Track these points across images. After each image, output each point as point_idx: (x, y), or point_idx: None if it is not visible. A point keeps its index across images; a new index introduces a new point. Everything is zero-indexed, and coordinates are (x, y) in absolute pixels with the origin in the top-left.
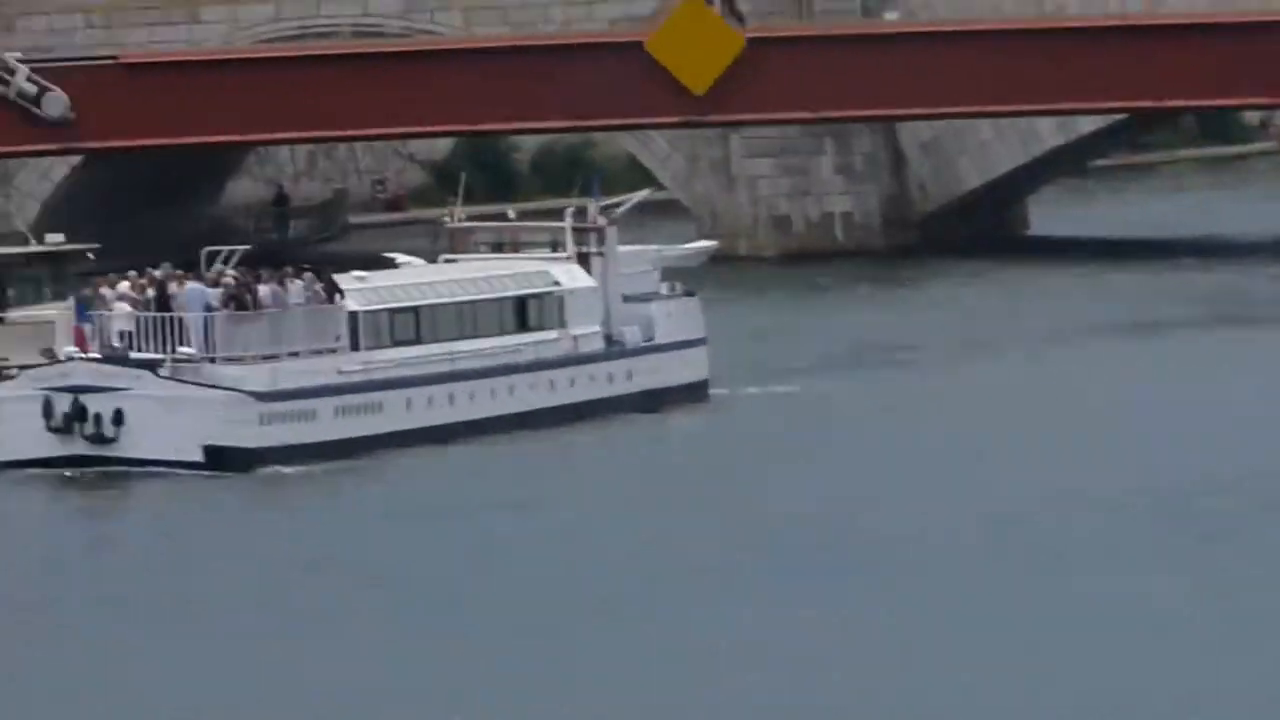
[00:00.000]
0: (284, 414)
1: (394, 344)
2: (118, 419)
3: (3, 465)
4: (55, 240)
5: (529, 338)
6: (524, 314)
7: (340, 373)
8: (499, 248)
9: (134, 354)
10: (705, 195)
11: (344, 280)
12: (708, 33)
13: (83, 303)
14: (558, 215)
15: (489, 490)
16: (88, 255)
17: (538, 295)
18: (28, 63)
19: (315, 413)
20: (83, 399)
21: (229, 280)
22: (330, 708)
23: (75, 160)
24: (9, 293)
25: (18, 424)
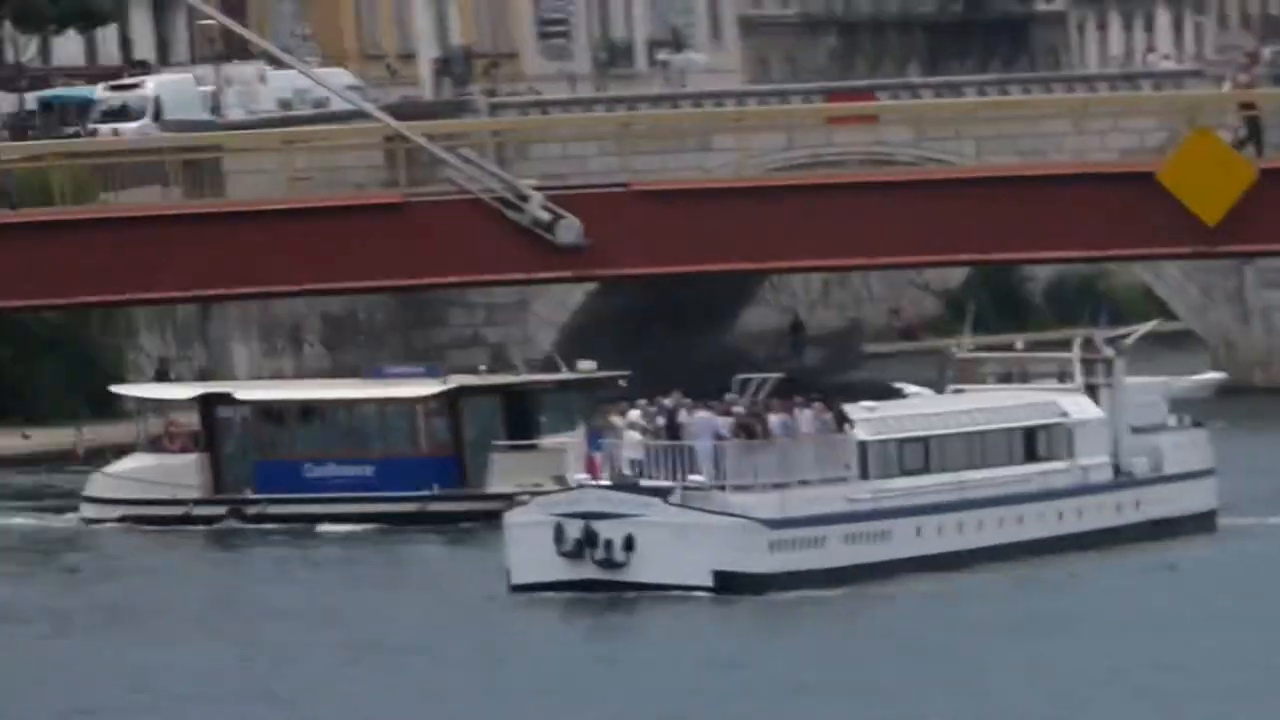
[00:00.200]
0: (793, 541)
1: (903, 473)
2: (628, 545)
3: (517, 589)
4: (587, 367)
5: (1037, 468)
6: (1033, 444)
7: (849, 500)
8: (1007, 378)
9: (644, 481)
10: (1219, 325)
11: (853, 410)
12: (1219, 163)
13: (595, 431)
14: (1067, 346)
15: (994, 615)
16: (619, 383)
17: (1046, 426)
18: (542, 189)
19: (824, 540)
20: (594, 525)
21: (739, 410)
22: None
23: (590, 287)
24: (541, 420)
25: (531, 549)
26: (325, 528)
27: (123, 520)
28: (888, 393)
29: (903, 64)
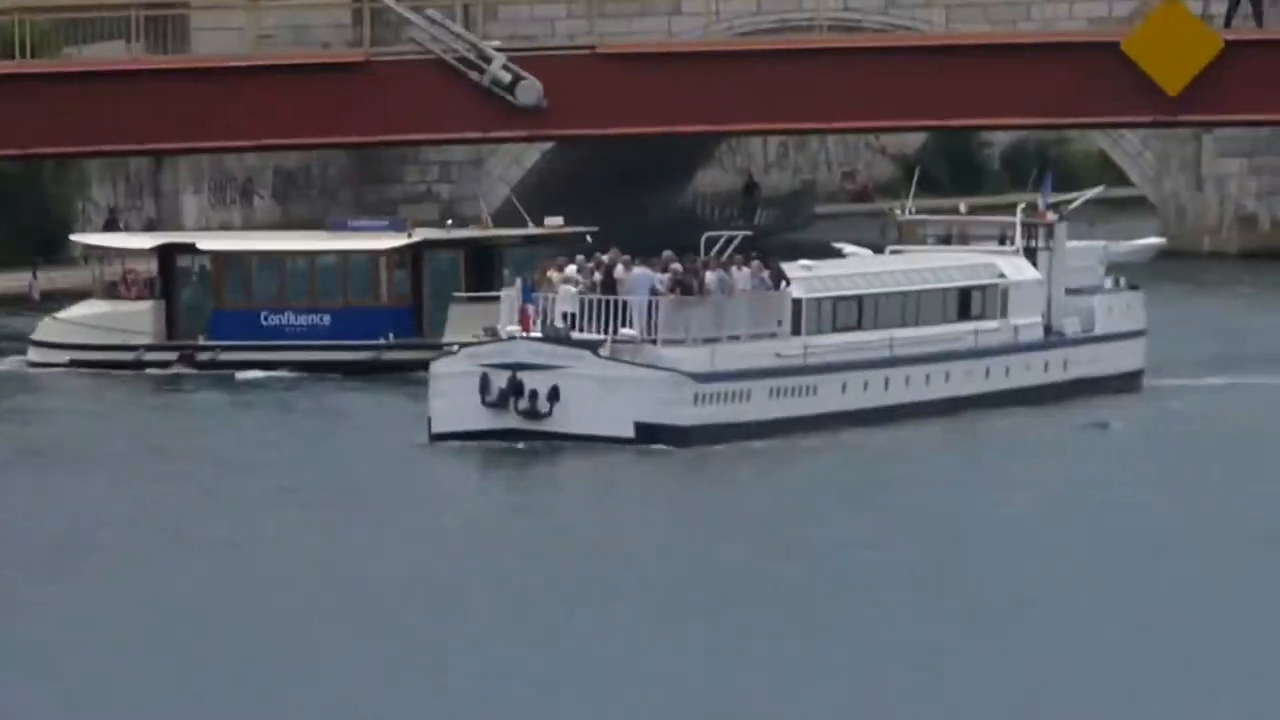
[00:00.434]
0: (718, 394)
1: (835, 330)
2: (553, 395)
3: (438, 437)
4: (554, 223)
5: (969, 326)
6: (966, 304)
7: (778, 356)
8: (947, 240)
9: (576, 334)
10: (1173, 193)
11: (790, 268)
12: (1185, 34)
13: (529, 284)
14: (1013, 211)
15: (920, 470)
16: (586, 238)
17: (980, 286)
18: (505, 51)
19: (749, 393)
20: (520, 375)
21: (677, 266)
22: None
23: (546, 147)
24: (505, 274)
25: (455, 399)
26: (246, 374)
27: (71, 365)
28: (828, 254)
29: None
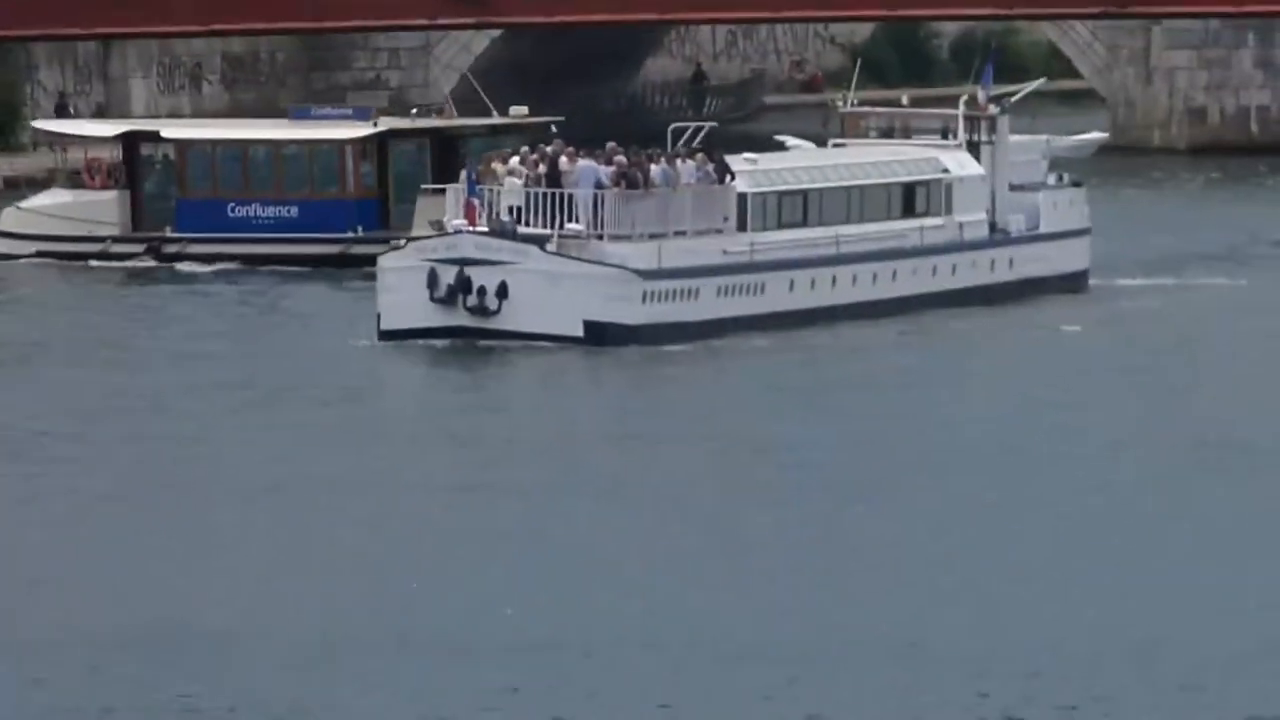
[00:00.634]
0: (666, 292)
1: (781, 226)
2: (502, 292)
3: (386, 335)
4: (519, 112)
5: (914, 223)
6: (911, 200)
7: (725, 253)
8: (889, 133)
9: (522, 229)
10: (1122, 85)
11: (735, 162)
12: None
13: (475, 177)
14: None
15: (863, 370)
16: (551, 128)
17: (925, 182)
18: None
19: (697, 291)
20: (468, 271)
21: (621, 159)
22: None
23: (495, 34)
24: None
25: (403, 295)
26: (185, 266)
27: (38, 255)
28: (770, 147)
29: None
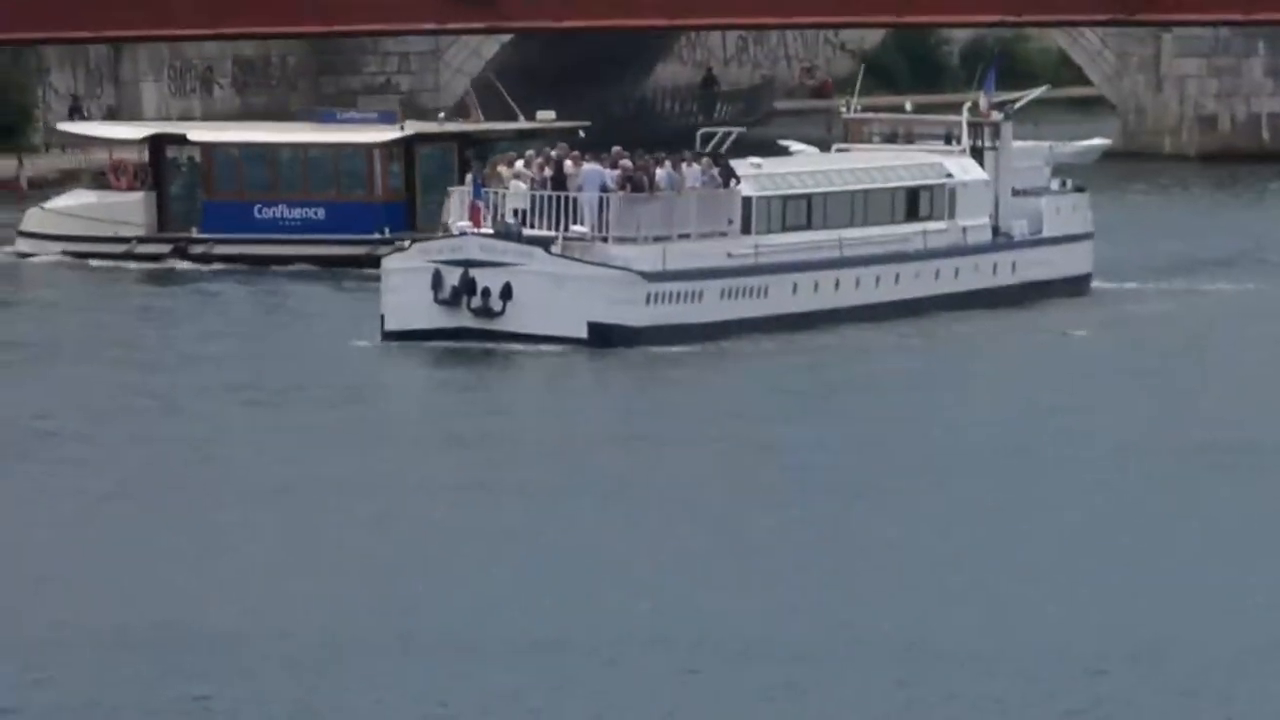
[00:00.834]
0: (670, 294)
1: (785, 229)
2: (506, 293)
3: (390, 335)
4: (546, 117)
5: (917, 227)
6: (915, 204)
7: (729, 255)
8: (893, 139)
9: (527, 231)
10: (1132, 92)
11: (739, 166)
12: None
13: (480, 179)
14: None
15: (866, 372)
16: (579, 133)
17: (929, 186)
18: None
19: (701, 294)
20: (472, 272)
21: (627, 163)
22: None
23: (505, 38)
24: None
25: (407, 296)
26: (178, 264)
27: (62, 255)
28: (775, 151)
29: None
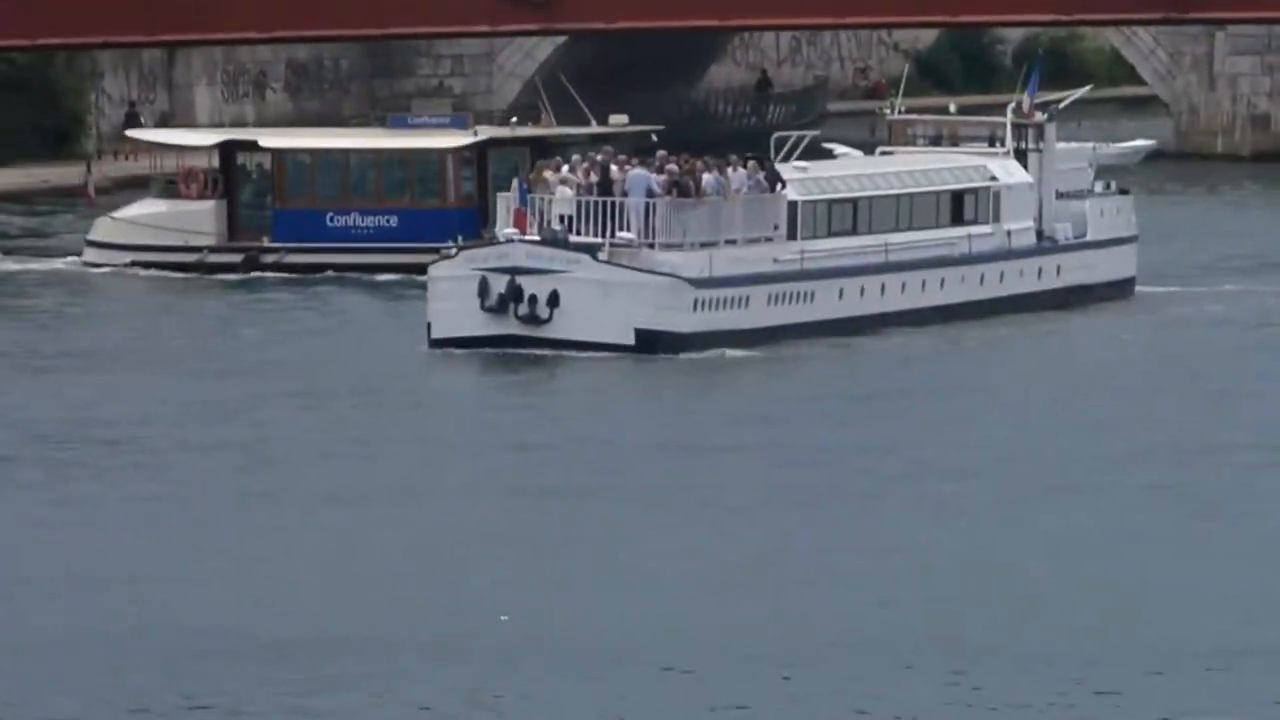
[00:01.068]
0: (717, 300)
1: (831, 234)
2: (553, 301)
3: (437, 343)
4: (619, 121)
5: (962, 231)
6: (959, 208)
7: (775, 261)
8: (937, 141)
9: (573, 238)
10: (1185, 92)
11: (786, 170)
12: None
13: (525, 185)
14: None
15: (911, 377)
16: (651, 137)
17: (973, 190)
18: None
19: (748, 299)
20: (519, 280)
21: (673, 167)
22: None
23: (558, 41)
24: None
25: (454, 303)
26: (249, 274)
27: (132, 265)
28: (819, 154)
29: None
